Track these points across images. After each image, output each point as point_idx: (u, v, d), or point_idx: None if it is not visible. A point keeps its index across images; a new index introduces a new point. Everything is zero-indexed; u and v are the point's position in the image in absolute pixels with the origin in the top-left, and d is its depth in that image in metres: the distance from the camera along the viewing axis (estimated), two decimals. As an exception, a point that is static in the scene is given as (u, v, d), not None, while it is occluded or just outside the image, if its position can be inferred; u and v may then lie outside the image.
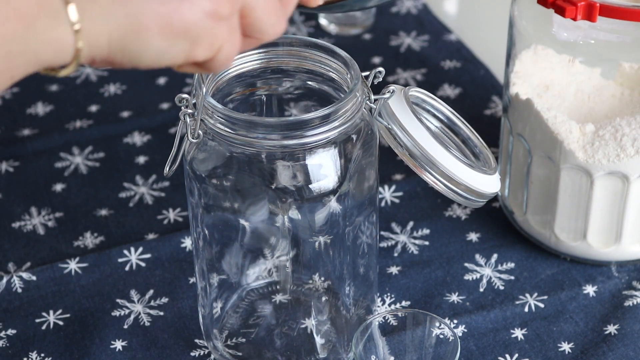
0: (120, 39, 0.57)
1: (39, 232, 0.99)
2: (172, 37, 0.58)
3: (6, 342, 0.88)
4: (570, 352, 0.87)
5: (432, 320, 0.78)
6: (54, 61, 0.57)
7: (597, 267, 0.94)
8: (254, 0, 0.61)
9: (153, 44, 0.58)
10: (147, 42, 0.58)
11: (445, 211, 1.00)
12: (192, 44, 0.59)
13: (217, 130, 0.74)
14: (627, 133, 0.86)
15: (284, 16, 0.63)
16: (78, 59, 0.57)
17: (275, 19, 0.63)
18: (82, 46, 0.57)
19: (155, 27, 0.57)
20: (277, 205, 0.79)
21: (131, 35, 0.57)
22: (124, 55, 0.58)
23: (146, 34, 0.57)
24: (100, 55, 0.58)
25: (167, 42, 0.58)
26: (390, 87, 0.76)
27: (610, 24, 0.84)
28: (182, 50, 0.59)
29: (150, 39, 0.58)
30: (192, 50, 0.59)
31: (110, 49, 0.58)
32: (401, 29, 1.25)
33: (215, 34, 0.59)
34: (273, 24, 0.63)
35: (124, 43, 0.58)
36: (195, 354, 0.87)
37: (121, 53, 0.58)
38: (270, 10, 0.62)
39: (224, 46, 0.60)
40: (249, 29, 0.62)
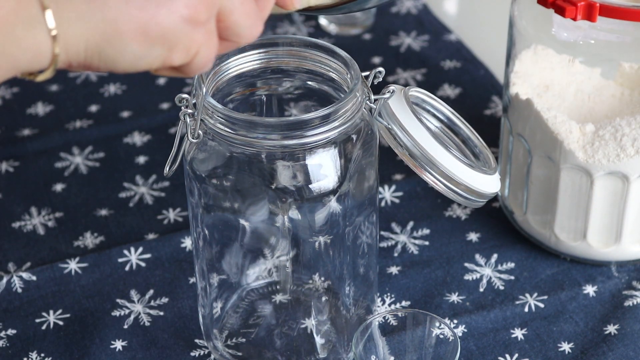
0: (97, 44, 0.58)
1: (39, 232, 0.99)
2: (148, 42, 0.58)
3: (6, 342, 0.88)
4: (570, 352, 0.87)
5: (432, 320, 0.78)
6: (32, 66, 0.57)
7: (597, 267, 0.94)
8: (230, 4, 0.61)
9: (129, 49, 0.58)
10: (123, 47, 0.58)
11: (445, 211, 1.00)
12: (169, 49, 0.59)
13: (217, 130, 0.74)
14: (627, 133, 0.86)
15: (261, 19, 0.64)
16: (55, 64, 0.58)
17: (251, 22, 0.63)
18: (59, 52, 0.57)
19: (132, 33, 0.58)
20: (277, 205, 0.79)
21: (108, 40, 0.58)
22: (101, 60, 0.59)
23: (123, 39, 0.58)
24: (77, 60, 0.58)
25: (143, 47, 0.58)
26: (390, 87, 0.76)
27: (610, 24, 0.84)
28: (159, 55, 0.59)
29: (127, 44, 0.58)
30: (168, 55, 0.60)
31: (87, 54, 0.58)
32: (401, 29, 1.25)
33: (192, 39, 0.60)
34: (250, 27, 0.63)
35: (101, 48, 0.58)
36: (195, 354, 0.87)
37: (98, 58, 0.58)
38: (246, 13, 0.62)
39: (200, 51, 0.61)
40: (226, 32, 0.62)
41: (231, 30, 0.62)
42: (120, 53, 0.58)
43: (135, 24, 0.57)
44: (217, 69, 0.77)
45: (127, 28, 0.57)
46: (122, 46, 0.58)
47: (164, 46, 0.59)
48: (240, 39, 0.63)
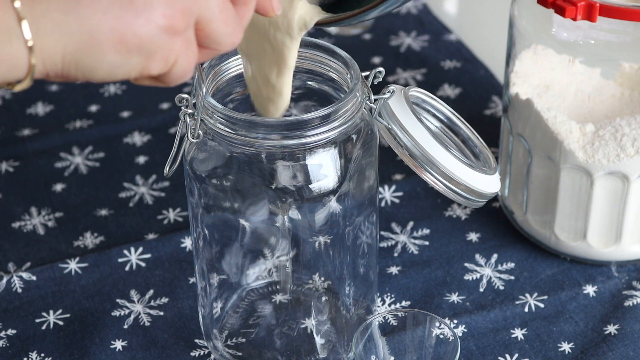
0: (73, 53, 0.57)
1: (39, 232, 0.99)
2: (125, 52, 0.58)
3: (6, 342, 0.88)
4: (570, 352, 0.87)
5: (432, 320, 0.78)
6: (8, 76, 0.57)
7: (597, 267, 0.94)
8: (209, 12, 0.61)
9: (107, 59, 0.58)
10: (100, 56, 0.58)
11: (445, 211, 1.00)
12: (147, 58, 0.59)
13: (217, 130, 0.74)
14: (627, 133, 0.86)
15: (240, 27, 0.63)
16: (32, 75, 0.57)
17: (231, 30, 0.62)
18: (36, 62, 0.57)
19: (109, 42, 0.57)
20: (277, 205, 0.79)
21: (85, 50, 0.57)
22: (78, 70, 0.58)
23: (100, 49, 0.58)
24: (54, 70, 0.58)
25: (120, 57, 0.58)
26: (390, 87, 0.76)
27: (610, 24, 0.84)
28: (136, 64, 0.59)
29: (104, 53, 0.58)
30: (146, 65, 0.59)
31: (64, 64, 0.58)
32: (401, 29, 1.25)
33: (169, 48, 0.59)
34: (229, 35, 0.63)
35: (78, 58, 0.58)
36: (195, 354, 0.87)
37: (75, 67, 0.58)
38: (225, 21, 0.62)
39: (179, 60, 0.60)
40: (206, 40, 0.62)
41: (211, 39, 0.62)
42: (98, 63, 0.58)
43: (112, 34, 0.57)
44: (217, 69, 0.77)
45: (104, 38, 0.57)
46: (99, 56, 0.58)
47: (141, 56, 0.59)
48: (220, 46, 0.63)
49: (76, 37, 0.57)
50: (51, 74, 0.59)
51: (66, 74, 0.59)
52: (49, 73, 0.58)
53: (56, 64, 0.58)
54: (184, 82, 0.63)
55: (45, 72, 0.58)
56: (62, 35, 0.57)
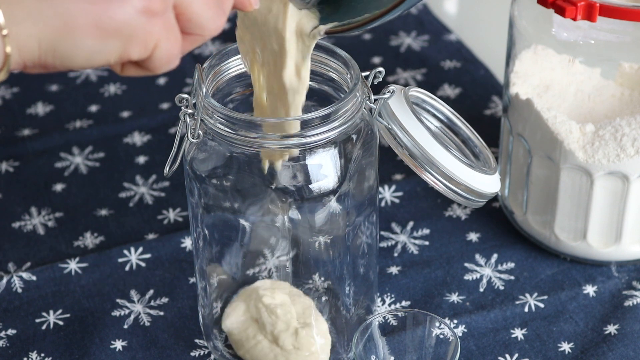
0: (50, 40, 0.57)
1: (39, 232, 0.99)
2: (103, 36, 0.57)
3: (6, 342, 0.88)
4: (570, 352, 0.87)
5: (432, 320, 0.78)
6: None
7: (597, 267, 0.94)
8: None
9: (84, 44, 0.57)
10: (78, 42, 0.57)
11: (445, 211, 1.00)
12: (125, 42, 0.58)
13: (217, 130, 0.74)
14: (627, 133, 0.86)
15: (222, 10, 0.62)
16: (8, 65, 0.57)
17: (213, 12, 0.61)
18: (11, 51, 0.56)
19: (86, 27, 0.56)
20: (277, 205, 0.79)
21: (61, 36, 0.57)
22: (56, 57, 0.57)
23: (77, 34, 0.57)
24: (31, 59, 0.57)
25: (98, 42, 0.57)
26: (390, 87, 0.76)
27: (610, 24, 0.84)
28: (115, 49, 0.58)
29: (81, 38, 0.57)
30: (125, 49, 0.58)
31: (40, 52, 0.57)
32: (401, 29, 1.25)
33: (148, 31, 0.58)
34: (212, 19, 0.61)
35: (55, 44, 0.57)
36: (195, 354, 0.87)
37: (52, 55, 0.57)
38: (206, 4, 0.61)
39: (159, 44, 0.59)
40: (188, 25, 0.61)
41: (193, 23, 0.61)
42: (75, 49, 0.57)
43: (88, 19, 0.56)
44: (217, 69, 0.77)
45: (80, 23, 0.56)
46: (76, 42, 0.57)
47: (119, 40, 0.58)
48: (204, 31, 0.62)
49: (51, 22, 0.56)
50: (29, 64, 0.57)
51: (44, 62, 0.57)
52: (26, 62, 0.57)
53: (33, 52, 0.57)
54: (170, 69, 0.61)
55: (22, 61, 0.57)
56: (36, 21, 0.56)
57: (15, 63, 0.57)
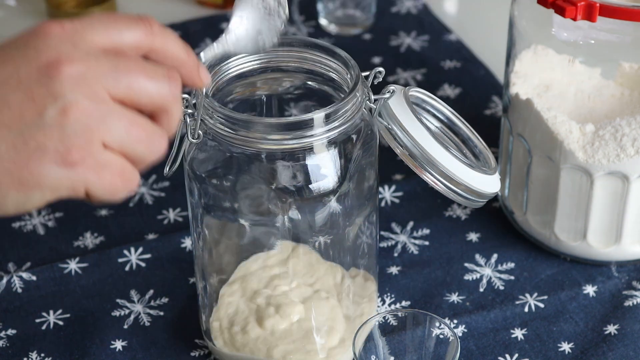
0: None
1: (39, 232, 0.99)
2: (26, 190, 0.59)
3: (6, 342, 0.88)
4: (570, 352, 0.87)
5: (432, 320, 0.78)
6: None
7: (597, 267, 0.94)
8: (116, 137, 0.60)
9: (9, 197, 0.59)
10: (4, 195, 0.59)
11: (445, 211, 1.00)
12: (50, 192, 0.60)
13: (217, 130, 0.74)
14: (627, 133, 0.86)
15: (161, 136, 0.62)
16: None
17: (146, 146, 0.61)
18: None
19: (8, 182, 0.59)
20: (277, 205, 0.79)
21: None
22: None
23: (1, 190, 0.59)
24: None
25: (22, 195, 0.60)
26: (390, 87, 0.76)
27: (610, 24, 0.84)
28: (42, 198, 0.60)
29: (6, 193, 0.59)
30: (53, 196, 0.60)
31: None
32: (401, 29, 1.25)
33: (72, 179, 0.60)
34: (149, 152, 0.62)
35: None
36: (195, 354, 0.87)
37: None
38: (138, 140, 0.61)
39: (91, 186, 0.60)
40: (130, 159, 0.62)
41: (131, 157, 0.62)
42: (3, 201, 0.60)
43: (10, 177, 0.59)
44: (217, 69, 0.77)
45: (2, 180, 0.59)
46: (2, 195, 0.59)
47: (44, 190, 0.60)
48: (144, 162, 0.62)
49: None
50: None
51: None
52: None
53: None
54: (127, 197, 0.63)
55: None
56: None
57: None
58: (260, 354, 0.83)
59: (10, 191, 0.59)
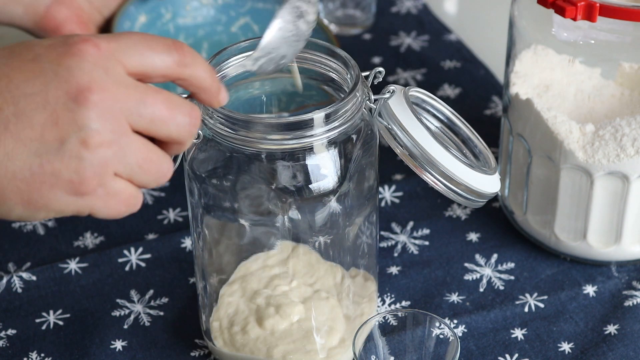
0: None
1: (39, 232, 0.99)
2: (33, 210, 0.61)
3: (6, 342, 0.88)
4: (570, 352, 0.87)
5: (432, 320, 0.78)
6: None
7: (597, 267, 0.94)
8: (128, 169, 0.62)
9: (15, 211, 0.61)
10: (9, 209, 0.61)
11: (445, 211, 1.00)
12: (56, 213, 0.61)
13: (217, 130, 0.74)
14: (627, 133, 0.86)
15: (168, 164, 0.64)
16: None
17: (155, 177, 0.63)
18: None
19: (17, 199, 0.60)
20: (277, 205, 0.79)
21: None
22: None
23: (7, 204, 0.60)
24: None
25: (28, 212, 0.61)
26: (390, 87, 0.76)
27: (610, 24, 0.84)
28: (46, 216, 0.62)
29: (12, 208, 0.61)
30: (57, 215, 0.62)
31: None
32: (401, 29, 1.25)
33: (79, 205, 0.61)
34: (156, 180, 0.64)
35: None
36: (195, 354, 0.87)
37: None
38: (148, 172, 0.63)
39: (96, 211, 0.62)
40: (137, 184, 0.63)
41: (140, 184, 0.63)
42: (8, 212, 0.61)
43: (19, 195, 0.60)
44: (217, 69, 0.77)
45: (11, 197, 0.60)
46: (8, 208, 0.61)
47: (49, 212, 0.61)
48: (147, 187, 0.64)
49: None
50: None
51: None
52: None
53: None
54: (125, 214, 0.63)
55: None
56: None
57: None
58: (260, 354, 0.83)
59: (17, 207, 0.61)
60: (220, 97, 0.67)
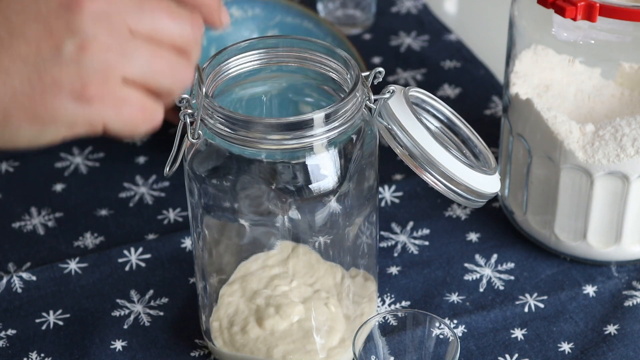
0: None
1: (39, 232, 0.99)
2: (40, 125, 0.59)
3: (6, 342, 0.88)
4: (570, 352, 0.87)
5: (432, 320, 0.78)
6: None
7: (597, 267, 0.94)
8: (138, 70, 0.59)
9: (23, 131, 0.59)
10: (16, 129, 0.59)
11: (445, 211, 1.00)
12: (66, 127, 0.59)
13: (217, 130, 0.74)
14: (627, 133, 0.86)
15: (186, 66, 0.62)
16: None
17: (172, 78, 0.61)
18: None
19: (22, 118, 0.58)
20: (277, 205, 0.79)
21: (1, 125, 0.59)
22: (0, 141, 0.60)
23: (13, 124, 0.59)
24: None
25: (36, 129, 0.59)
26: (390, 87, 0.76)
27: (610, 24, 0.84)
28: (57, 133, 0.60)
29: (19, 127, 0.59)
30: (69, 132, 0.60)
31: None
32: (401, 29, 1.25)
33: (89, 114, 0.59)
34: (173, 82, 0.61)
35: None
36: (195, 354, 0.87)
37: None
38: (162, 72, 0.60)
39: (109, 122, 0.60)
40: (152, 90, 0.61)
41: (155, 89, 0.61)
42: (15, 135, 0.59)
43: (24, 111, 0.58)
44: (217, 69, 0.77)
45: (16, 114, 0.58)
46: (15, 129, 0.59)
47: (59, 126, 0.59)
48: (171, 94, 0.62)
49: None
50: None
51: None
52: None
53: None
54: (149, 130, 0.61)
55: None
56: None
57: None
58: (260, 354, 0.83)
59: (24, 125, 0.59)
60: (223, 15, 0.65)
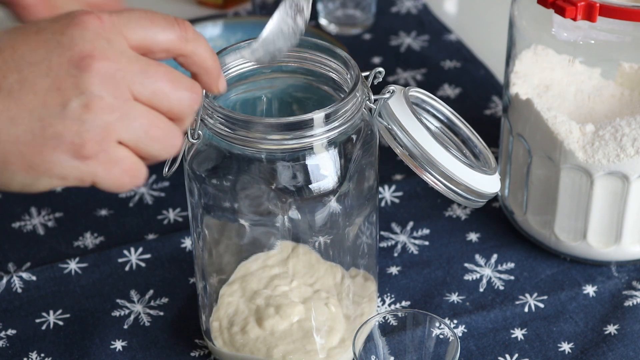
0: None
1: (39, 232, 0.99)
2: (35, 174, 0.61)
3: (6, 342, 0.88)
4: (570, 352, 0.87)
5: (432, 320, 0.78)
6: None
7: (597, 267, 0.94)
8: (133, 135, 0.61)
9: (17, 178, 0.61)
10: (12, 175, 0.61)
11: (445, 211, 1.00)
12: (58, 179, 0.61)
13: (217, 130, 0.74)
14: (627, 133, 0.86)
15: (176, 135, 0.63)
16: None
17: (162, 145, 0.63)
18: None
19: (18, 164, 0.60)
20: (277, 205, 0.79)
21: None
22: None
23: (9, 170, 0.60)
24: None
25: (31, 178, 0.61)
26: (390, 87, 0.76)
27: (610, 24, 0.84)
28: (49, 183, 0.61)
29: (14, 174, 0.61)
30: (60, 184, 0.61)
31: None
32: (401, 29, 1.25)
33: (81, 171, 0.61)
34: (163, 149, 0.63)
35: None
36: (195, 354, 0.87)
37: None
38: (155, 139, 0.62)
39: (98, 180, 0.62)
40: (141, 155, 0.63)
41: (144, 155, 0.63)
42: (10, 179, 0.61)
43: (21, 160, 0.60)
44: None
45: (13, 161, 0.60)
46: (10, 174, 0.61)
47: (52, 177, 0.61)
48: (158, 158, 0.64)
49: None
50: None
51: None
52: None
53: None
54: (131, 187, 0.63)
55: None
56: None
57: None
58: (260, 354, 0.83)
59: (19, 173, 0.60)
60: (220, 83, 0.67)
